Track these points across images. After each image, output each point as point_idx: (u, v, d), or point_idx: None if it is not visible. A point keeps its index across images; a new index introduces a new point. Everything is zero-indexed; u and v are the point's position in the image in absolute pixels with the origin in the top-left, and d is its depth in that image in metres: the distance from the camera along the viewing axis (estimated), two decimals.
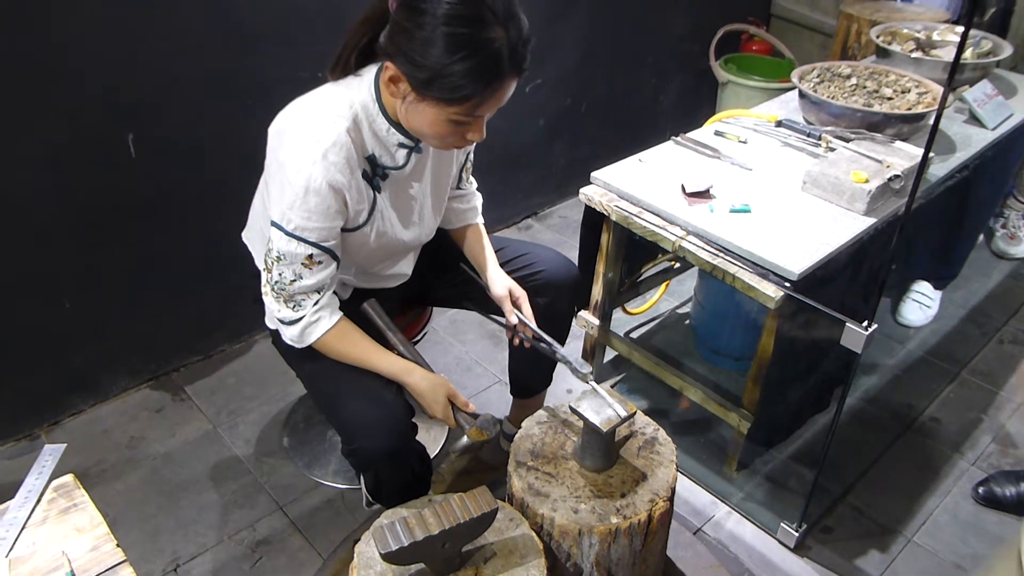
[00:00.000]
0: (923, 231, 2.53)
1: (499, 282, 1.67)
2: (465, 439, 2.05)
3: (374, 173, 1.44)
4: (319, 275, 1.40)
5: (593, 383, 1.48)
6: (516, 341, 1.66)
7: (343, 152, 1.33)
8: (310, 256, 1.37)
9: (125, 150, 2.00)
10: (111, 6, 1.85)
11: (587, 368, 1.52)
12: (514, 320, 1.63)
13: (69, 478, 1.19)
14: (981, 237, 3.07)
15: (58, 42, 1.81)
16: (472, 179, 1.78)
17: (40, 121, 1.86)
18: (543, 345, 1.61)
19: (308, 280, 1.39)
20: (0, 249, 1.92)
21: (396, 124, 1.39)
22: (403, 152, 1.44)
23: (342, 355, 1.48)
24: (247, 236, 1.68)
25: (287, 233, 1.34)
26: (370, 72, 1.38)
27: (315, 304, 1.43)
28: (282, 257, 1.36)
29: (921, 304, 2.67)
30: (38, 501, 1.15)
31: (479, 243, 1.74)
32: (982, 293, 2.86)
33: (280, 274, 1.38)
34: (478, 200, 1.79)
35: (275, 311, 1.44)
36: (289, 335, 1.46)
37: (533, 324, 1.63)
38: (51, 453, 1.22)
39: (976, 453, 2.20)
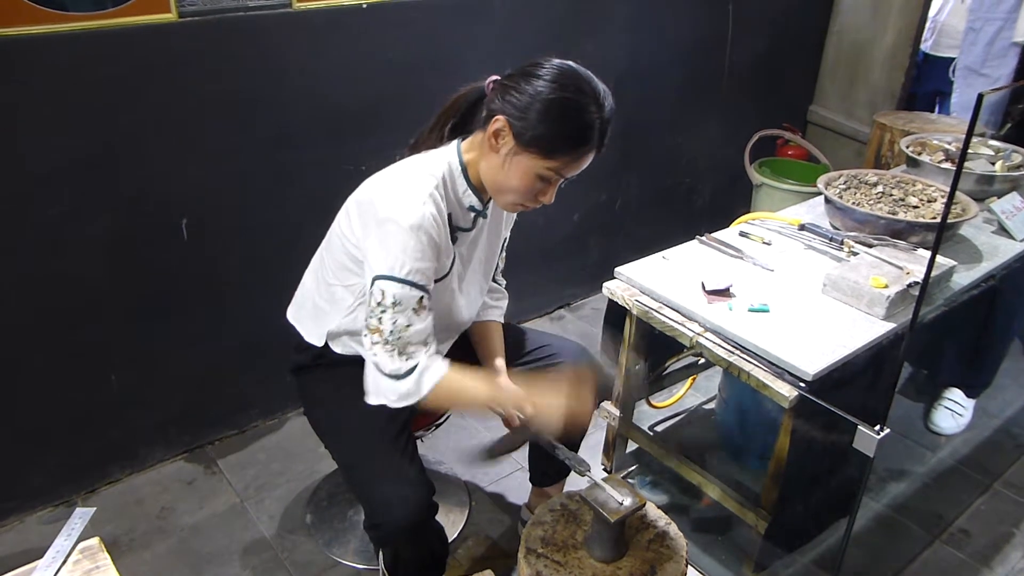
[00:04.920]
0: (953, 338, 2.53)
1: None
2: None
3: (452, 230, 1.55)
4: (427, 320, 1.47)
5: (594, 477, 1.50)
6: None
7: (440, 199, 1.47)
8: (421, 299, 1.44)
9: (179, 234, 2.14)
10: (169, 119, 2.03)
11: (586, 465, 1.54)
12: (515, 422, 1.64)
13: (95, 541, 1.25)
14: (1020, 346, 3.03)
15: (121, 141, 1.98)
16: (503, 279, 1.89)
17: (104, 209, 2.01)
18: (543, 440, 1.61)
19: (419, 325, 1.45)
20: (55, 324, 2.04)
21: (472, 187, 1.52)
22: (471, 216, 1.58)
23: (453, 396, 1.53)
24: (293, 314, 1.76)
25: (400, 280, 1.42)
26: (451, 143, 1.54)
27: (428, 353, 1.48)
28: (398, 303, 1.42)
29: (953, 412, 2.64)
30: (63, 562, 1.21)
31: (495, 342, 1.81)
32: (1018, 404, 2.80)
33: (395, 322, 1.43)
34: (505, 301, 1.88)
35: (388, 367, 1.45)
36: (403, 389, 1.46)
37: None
38: (81, 516, 1.29)
39: (1006, 568, 2.14)
